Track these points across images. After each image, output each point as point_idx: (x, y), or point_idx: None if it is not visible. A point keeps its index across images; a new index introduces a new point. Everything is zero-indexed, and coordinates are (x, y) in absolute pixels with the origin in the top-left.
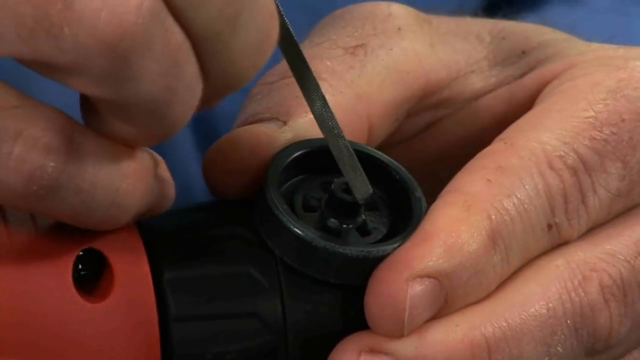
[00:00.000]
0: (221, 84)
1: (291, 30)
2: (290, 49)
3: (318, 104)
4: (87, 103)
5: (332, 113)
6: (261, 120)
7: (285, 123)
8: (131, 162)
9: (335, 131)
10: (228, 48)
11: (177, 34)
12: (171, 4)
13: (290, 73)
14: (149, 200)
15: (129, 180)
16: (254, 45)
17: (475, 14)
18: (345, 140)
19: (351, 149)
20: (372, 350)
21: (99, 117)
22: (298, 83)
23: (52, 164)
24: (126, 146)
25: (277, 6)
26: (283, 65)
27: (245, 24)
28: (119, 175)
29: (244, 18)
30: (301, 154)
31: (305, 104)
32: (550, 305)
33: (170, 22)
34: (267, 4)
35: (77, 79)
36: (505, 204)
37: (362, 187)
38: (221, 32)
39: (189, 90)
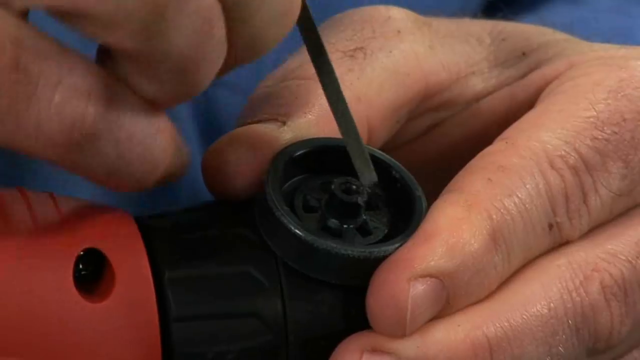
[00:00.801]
0: (243, 51)
1: (310, 12)
2: (309, 31)
3: (330, 88)
4: (108, 59)
5: (344, 99)
6: (260, 121)
7: (284, 123)
8: (163, 117)
9: (347, 117)
10: (254, 15)
11: None
12: None
13: (289, 76)
14: (174, 162)
15: (163, 135)
16: (278, 16)
17: (474, 15)
18: (356, 129)
19: (360, 138)
20: (374, 350)
21: (122, 74)
22: (315, 67)
23: (92, 111)
24: None
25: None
26: (282, 70)
27: None
28: (154, 129)
29: None
30: (301, 154)
31: (304, 104)
32: (552, 305)
33: None
34: None
35: (112, 31)
36: (506, 204)
37: (368, 173)
38: None
39: (216, 51)
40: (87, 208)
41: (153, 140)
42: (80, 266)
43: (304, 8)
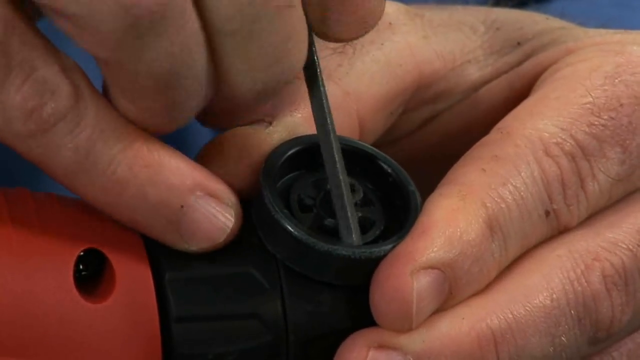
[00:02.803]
0: (233, 92)
1: (321, 77)
2: (314, 94)
3: (330, 161)
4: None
5: (344, 168)
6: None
7: (270, 123)
8: (135, 140)
9: (342, 183)
10: (241, 51)
11: (193, 21)
12: None
13: None
14: (143, 184)
15: (128, 153)
16: (269, 58)
17: (466, 2)
18: (348, 189)
19: (351, 201)
20: (381, 346)
21: (109, 95)
22: (316, 125)
23: (52, 105)
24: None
25: (313, 49)
26: None
27: (263, 31)
28: (117, 147)
29: (262, 25)
30: (293, 153)
31: (289, 104)
32: (554, 296)
33: (190, 7)
34: (293, 25)
35: (85, 34)
36: (501, 192)
37: (349, 235)
38: (237, 31)
39: (194, 80)
40: (88, 208)
41: (115, 156)
42: (81, 266)
43: (312, 68)
